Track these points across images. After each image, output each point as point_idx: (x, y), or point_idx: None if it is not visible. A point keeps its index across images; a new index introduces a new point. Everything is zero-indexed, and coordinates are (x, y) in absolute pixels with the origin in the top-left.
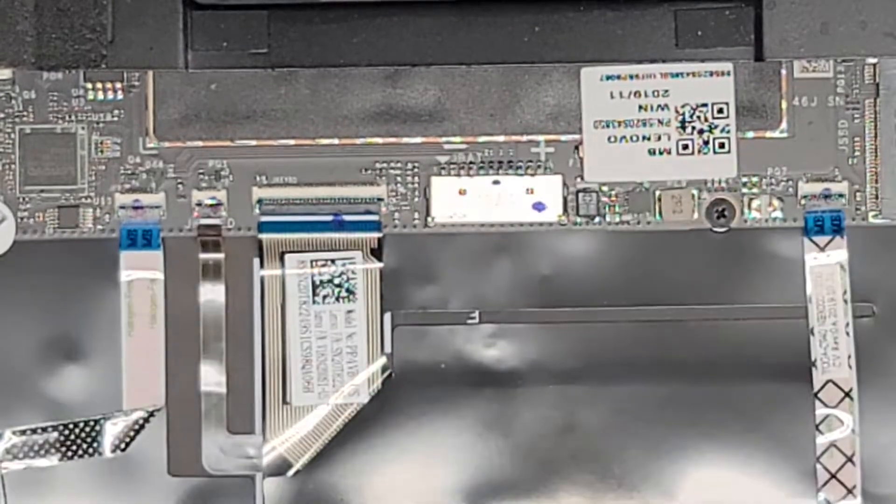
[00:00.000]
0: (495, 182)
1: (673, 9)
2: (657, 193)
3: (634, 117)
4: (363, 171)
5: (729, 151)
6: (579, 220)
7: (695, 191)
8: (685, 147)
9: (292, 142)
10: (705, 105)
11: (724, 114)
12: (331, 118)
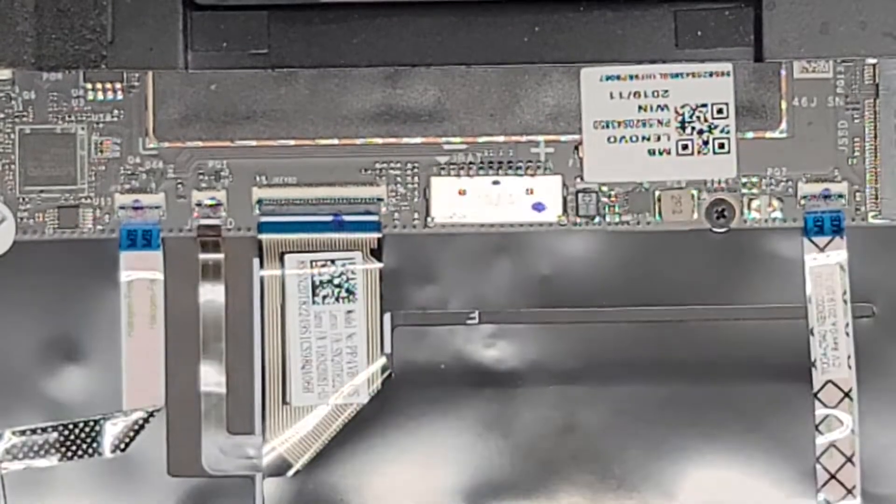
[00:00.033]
0: (495, 182)
1: (673, 9)
2: (657, 194)
3: (634, 118)
4: (363, 171)
5: (728, 152)
6: (579, 220)
7: (694, 191)
8: (685, 147)
9: (292, 142)
10: (705, 105)
11: (724, 114)
12: (331, 118)
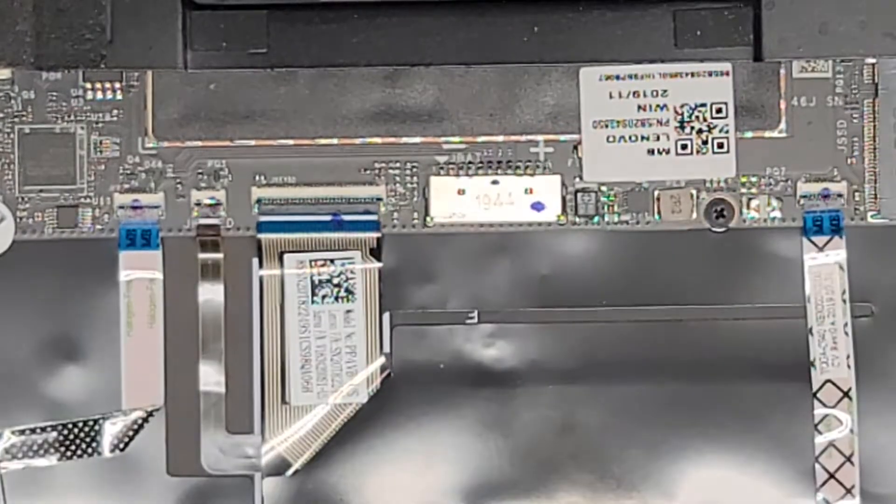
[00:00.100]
0: (494, 182)
1: (672, 9)
2: (656, 193)
3: (633, 117)
4: (362, 170)
5: (728, 151)
6: (578, 219)
7: (693, 191)
8: (684, 147)
9: (291, 142)
10: (704, 105)
11: (723, 114)
12: (330, 118)
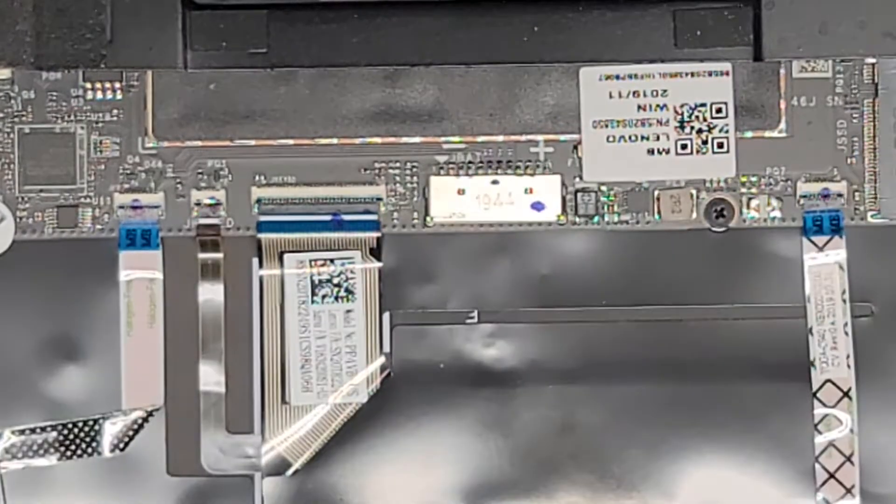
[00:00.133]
0: (494, 182)
1: (672, 9)
2: (656, 193)
3: (633, 117)
4: (362, 170)
5: (728, 151)
6: (578, 219)
7: (693, 190)
8: (684, 147)
9: (291, 141)
10: (704, 105)
11: (723, 113)
12: (330, 118)
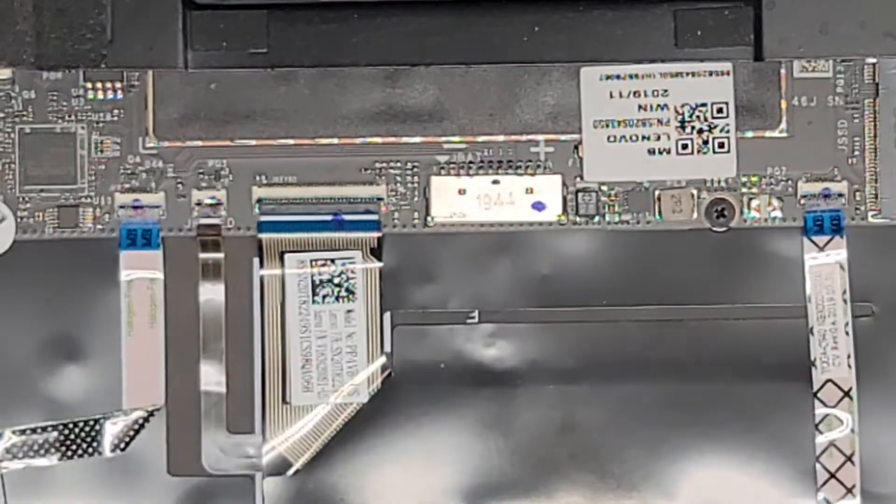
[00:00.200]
0: (495, 182)
1: (672, 9)
2: (657, 193)
3: (634, 117)
4: (363, 170)
5: (728, 151)
6: (579, 219)
7: (694, 190)
8: (685, 147)
9: (292, 141)
10: (705, 105)
11: (724, 113)
12: (330, 118)
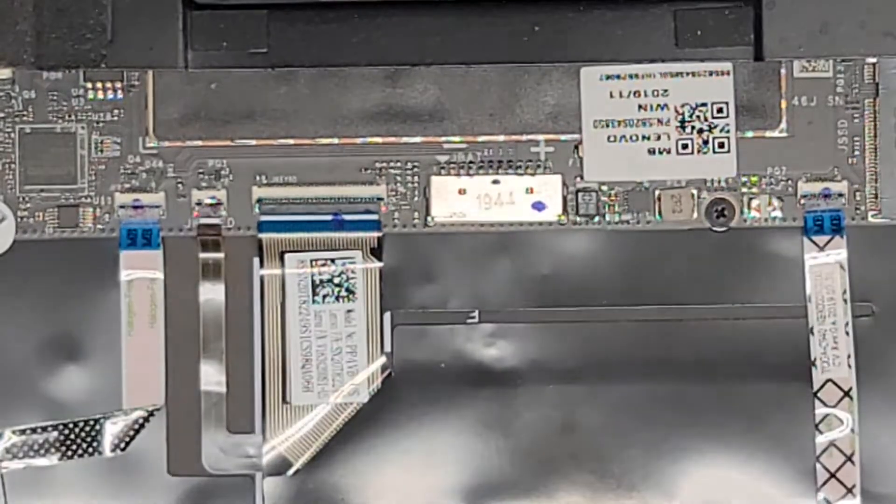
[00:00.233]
0: (495, 181)
1: (672, 9)
2: (657, 193)
3: (634, 117)
4: (363, 170)
5: (728, 151)
6: (579, 219)
7: (694, 190)
8: (685, 147)
9: (292, 141)
10: (705, 105)
11: (724, 113)
12: (330, 118)
